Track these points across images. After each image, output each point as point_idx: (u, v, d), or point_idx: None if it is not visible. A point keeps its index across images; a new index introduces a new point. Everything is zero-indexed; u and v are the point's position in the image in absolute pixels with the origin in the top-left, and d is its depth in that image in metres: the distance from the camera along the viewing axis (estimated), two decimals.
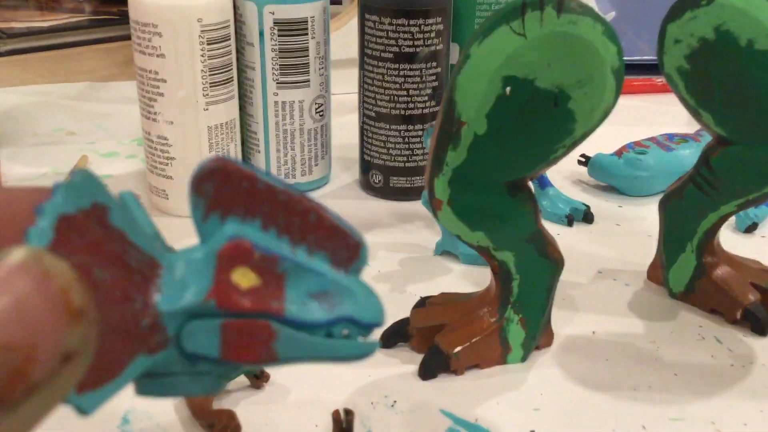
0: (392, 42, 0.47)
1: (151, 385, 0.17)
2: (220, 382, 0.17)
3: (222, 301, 0.16)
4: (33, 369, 0.13)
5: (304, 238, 0.17)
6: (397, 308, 0.39)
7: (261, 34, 0.48)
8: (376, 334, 0.17)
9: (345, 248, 0.17)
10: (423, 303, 0.38)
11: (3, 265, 0.13)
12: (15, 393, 0.13)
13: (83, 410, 0.15)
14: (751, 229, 0.47)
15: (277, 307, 0.16)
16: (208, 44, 0.45)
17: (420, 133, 0.50)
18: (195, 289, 0.16)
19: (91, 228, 0.15)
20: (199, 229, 0.17)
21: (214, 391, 0.17)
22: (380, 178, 0.51)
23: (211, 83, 0.46)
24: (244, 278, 0.16)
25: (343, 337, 0.17)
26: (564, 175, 0.54)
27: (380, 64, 0.48)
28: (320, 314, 0.17)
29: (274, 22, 0.47)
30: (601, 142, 0.48)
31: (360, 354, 0.17)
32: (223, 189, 0.17)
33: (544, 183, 0.49)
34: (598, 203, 0.51)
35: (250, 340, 0.16)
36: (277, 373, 0.35)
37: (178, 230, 0.48)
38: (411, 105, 0.48)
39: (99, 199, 0.16)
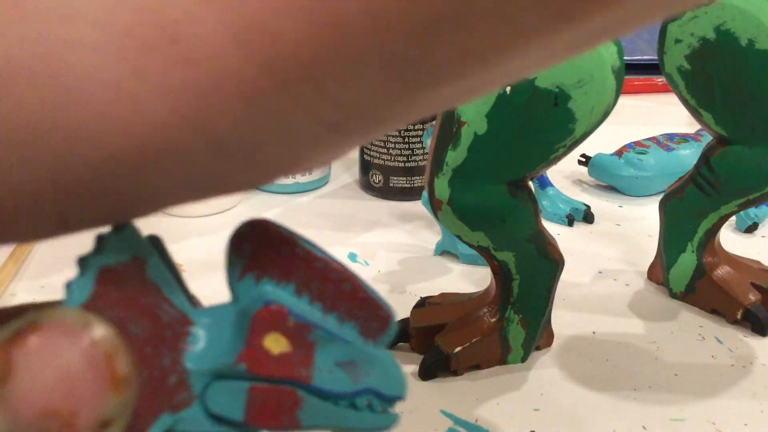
0: None
1: None
2: None
3: (252, 365, 0.16)
4: None
5: (336, 307, 0.17)
6: (397, 308, 0.39)
7: None
8: (397, 407, 0.18)
9: (375, 320, 0.17)
10: (423, 303, 0.38)
11: (51, 327, 0.13)
12: None
13: None
14: (751, 229, 0.47)
15: (306, 375, 0.16)
16: None
17: (420, 133, 0.49)
18: (225, 350, 0.16)
19: (129, 282, 0.16)
20: (233, 288, 0.17)
21: None
22: (380, 178, 0.51)
23: None
24: (276, 344, 0.16)
25: (364, 408, 0.17)
26: (564, 175, 0.54)
27: None
28: (346, 385, 0.17)
29: None
30: (602, 141, 0.48)
31: (381, 427, 0.17)
32: (262, 251, 0.17)
33: (544, 183, 0.49)
34: (599, 203, 0.51)
35: (275, 406, 0.16)
36: None
37: (179, 230, 0.48)
38: None
39: (139, 253, 0.16)
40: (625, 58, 0.31)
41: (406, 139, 0.49)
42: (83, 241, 0.16)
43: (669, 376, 0.35)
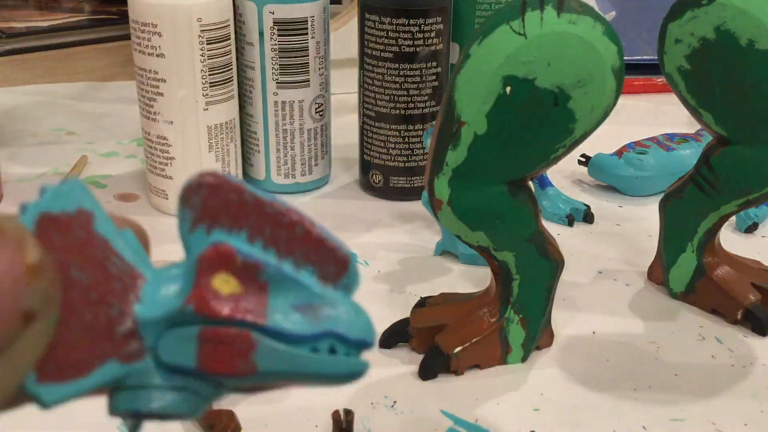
0: (392, 42, 0.47)
1: (125, 398, 0.16)
2: (197, 401, 0.16)
3: (200, 306, 0.15)
4: None
5: (290, 252, 0.16)
6: (397, 308, 0.39)
7: (261, 33, 0.48)
8: (366, 355, 0.16)
9: (333, 263, 0.17)
10: (423, 303, 0.38)
11: None
12: None
13: (42, 401, 0.15)
14: (751, 229, 0.47)
15: (259, 315, 0.16)
16: (208, 44, 0.45)
17: (420, 132, 0.49)
18: (175, 296, 0.16)
19: (73, 231, 0.15)
20: (185, 243, 0.17)
21: (191, 412, 0.16)
22: (380, 178, 0.51)
23: (210, 83, 0.46)
24: (225, 284, 0.16)
25: (327, 352, 0.16)
26: (564, 175, 0.54)
27: (380, 63, 0.48)
28: (304, 326, 0.16)
29: (274, 22, 0.47)
30: (602, 141, 0.48)
31: (348, 372, 0.16)
32: (210, 201, 0.16)
33: (544, 183, 0.49)
34: (599, 203, 0.51)
35: (228, 349, 0.15)
36: None
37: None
38: (411, 105, 0.48)
39: (85, 206, 0.15)
40: (625, 58, 0.31)
41: (406, 139, 0.49)
42: None
43: (669, 376, 0.35)
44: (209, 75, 0.46)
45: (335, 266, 0.17)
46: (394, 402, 0.33)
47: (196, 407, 0.16)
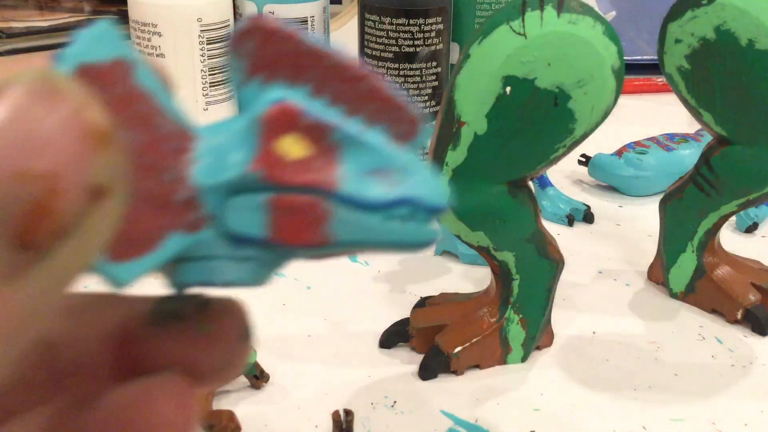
0: (392, 42, 0.47)
1: (189, 271, 0.15)
2: (266, 270, 0.15)
3: (269, 172, 0.14)
4: (58, 203, 0.11)
5: (358, 109, 0.15)
6: (397, 308, 0.39)
7: None
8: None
9: (402, 122, 0.15)
10: (423, 303, 0.38)
11: (8, 88, 0.11)
12: (41, 233, 0.11)
13: (118, 279, 0.13)
14: (751, 229, 0.47)
15: (331, 181, 0.14)
16: (208, 44, 0.45)
17: None
18: (236, 161, 0.14)
19: (115, 83, 0.13)
20: (239, 97, 0.15)
21: (260, 281, 0.15)
22: None
23: (210, 83, 0.46)
24: (293, 147, 0.14)
25: (403, 219, 0.14)
26: (564, 175, 0.54)
27: (380, 63, 0.48)
28: (380, 192, 0.14)
29: None
30: (602, 141, 0.48)
31: (422, 241, 0.15)
32: (267, 48, 0.14)
33: (544, 183, 0.49)
34: (599, 203, 0.51)
35: (300, 219, 0.14)
36: (276, 374, 0.35)
37: None
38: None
39: (123, 55, 0.13)
40: (625, 58, 0.31)
41: None
42: None
43: (669, 376, 0.35)
44: (209, 75, 0.46)
45: (405, 126, 0.15)
46: (394, 402, 0.33)
47: (263, 277, 0.15)
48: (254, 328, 0.16)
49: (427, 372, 0.35)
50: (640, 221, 0.49)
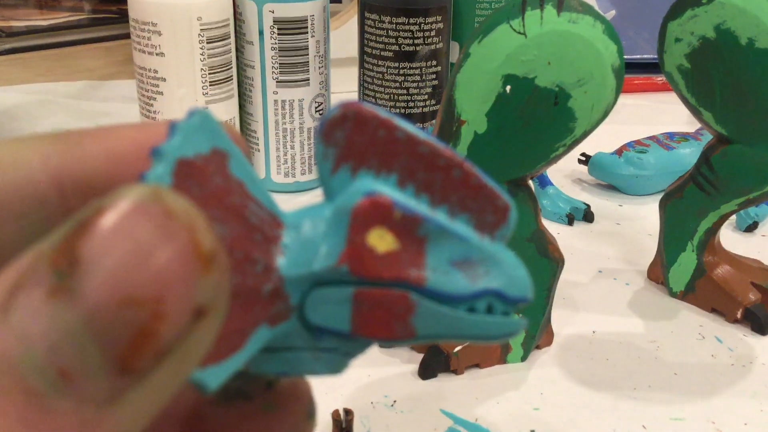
0: (392, 40, 0.47)
1: (268, 361, 0.15)
2: (345, 360, 0.15)
3: (356, 266, 0.14)
4: (162, 327, 0.11)
5: (446, 198, 0.15)
6: None
7: (261, 32, 0.48)
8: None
9: (491, 211, 0.15)
10: None
11: (117, 206, 0.11)
12: (144, 358, 0.11)
13: (206, 386, 0.13)
14: (751, 228, 0.47)
15: (418, 275, 0.14)
16: (208, 43, 0.45)
17: None
18: (325, 252, 0.14)
19: (211, 176, 0.13)
20: (326, 184, 0.15)
21: (338, 371, 0.15)
22: None
23: (210, 82, 0.46)
24: (381, 241, 0.14)
25: (485, 312, 0.14)
26: (564, 174, 0.54)
27: (380, 62, 0.48)
28: (464, 286, 0.14)
29: (274, 21, 0.47)
30: (602, 140, 0.48)
31: (506, 333, 0.15)
32: (356, 137, 0.14)
33: (544, 182, 0.49)
34: (599, 202, 0.51)
35: (386, 312, 0.14)
36: None
37: None
38: (411, 104, 0.48)
39: (219, 145, 0.13)
40: (625, 56, 0.31)
41: None
42: None
43: (669, 376, 0.35)
44: (209, 74, 0.45)
45: (494, 215, 0.15)
46: (394, 401, 0.33)
47: (342, 366, 0.15)
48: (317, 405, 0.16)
49: (426, 371, 0.35)
50: (640, 220, 0.49)
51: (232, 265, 0.13)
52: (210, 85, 0.46)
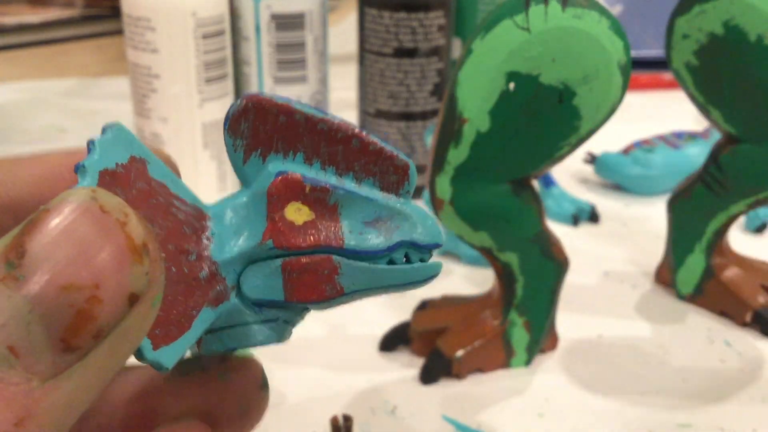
0: (392, 36, 0.46)
1: (216, 340, 0.16)
2: (287, 328, 0.17)
3: (279, 240, 0.16)
4: (98, 310, 0.12)
5: (350, 167, 0.16)
6: (397, 311, 0.39)
7: (257, 28, 0.47)
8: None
9: (393, 172, 0.17)
10: (424, 306, 0.37)
11: (59, 206, 0.13)
12: (82, 337, 0.12)
13: (162, 365, 0.15)
14: (761, 229, 0.47)
15: (336, 238, 0.16)
16: (203, 39, 0.44)
17: (421, 130, 0.49)
18: (249, 233, 0.16)
19: (133, 181, 0.15)
20: (240, 173, 0.16)
21: (282, 338, 0.17)
22: None
23: (205, 79, 0.45)
24: (298, 214, 0.16)
25: (403, 262, 0.16)
26: (569, 174, 0.54)
27: (380, 59, 0.47)
28: (380, 241, 0.16)
29: (271, 16, 0.47)
30: (608, 139, 0.48)
31: (427, 276, 0.17)
32: (260, 126, 0.16)
33: (548, 182, 0.49)
34: (605, 202, 0.50)
35: (313, 276, 0.16)
36: (274, 379, 0.34)
37: None
38: (412, 101, 0.48)
39: (136, 153, 0.15)
40: (632, 53, 0.30)
41: (407, 137, 0.49)
42: None
43: (676, 380, 0.35)
44: (204, 71, 0.45)
45: (395, 174, 0.17)
46: (395, 407, 0.33)
47: (286, 333, 0.17)
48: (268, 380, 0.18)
49: (428, 376, 0.34)
50: (647, 221, 0.48)
51: (166, 257, 0.15)
52: (205, 83, 0.45)
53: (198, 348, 0.16)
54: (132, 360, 0.15)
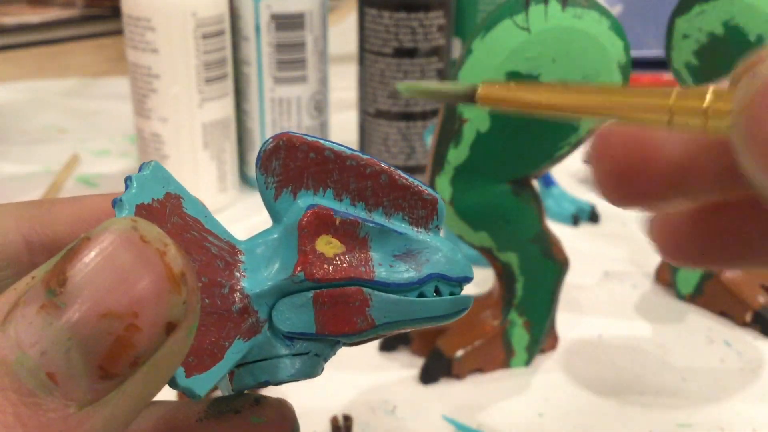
0: (392, 36, 0.46)
1: (248, 373, 0.17)
2: (318, 361, 0.17)
3: (310, 271, 0.16)
4: (137, 338, 0.13)
5: (379, 202, 0.17)
6: None
7: (257, 28, 0.47)
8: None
9: (421, 206, 0.17)
10: None
11: (100, 235, 0.13)
12: (120, 365, 0.13)
13: (194, 393, 0.15)
14: None
15: (367, 271, 0.16)
16: (203, 39, 0.44)
17: (421, 130, 0.49)
18: (280, 266, 0.16)
19: (168, 216, 0.15)
20: (272, 210, 0.17)
21: (313, 373, 0.17)
22: None
23: (205, 79, 0.45)
24: (328, 246, 0.16)
25: (434, 295, 0.17)
26: (569, 174, 0.54)
27: (380, 59, 0.47)
28: (411, 275, 0.16)
29: (271, 16, 0.46)
30: None
31: (458, 309, 0.17)
32: (290, 163, 0.16)
33: (548, 182, 0.49)
34: (605, 203, 0.50)
35: (344, 308, 0.16)
36: None
37: None
38: (411, 101, 0.48)
39: (172, 189, 0.16)
40: (632, 53, 0.30)
41: (407, 137, 0.49)
42: None
43: (676, 380, 0.35)
44: (204, 71, 0.45)
45: (424, 209, 0.17)
46: (394, 407, 0.33)
47: (318, 368, 0.17)
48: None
49: (428, 376, 0.34)
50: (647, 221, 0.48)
51: (201, 289, 0.15)
52: (205, 83, 0.45)
53: (230, 382, 0.17)
54: (165, 394, 0.15)
